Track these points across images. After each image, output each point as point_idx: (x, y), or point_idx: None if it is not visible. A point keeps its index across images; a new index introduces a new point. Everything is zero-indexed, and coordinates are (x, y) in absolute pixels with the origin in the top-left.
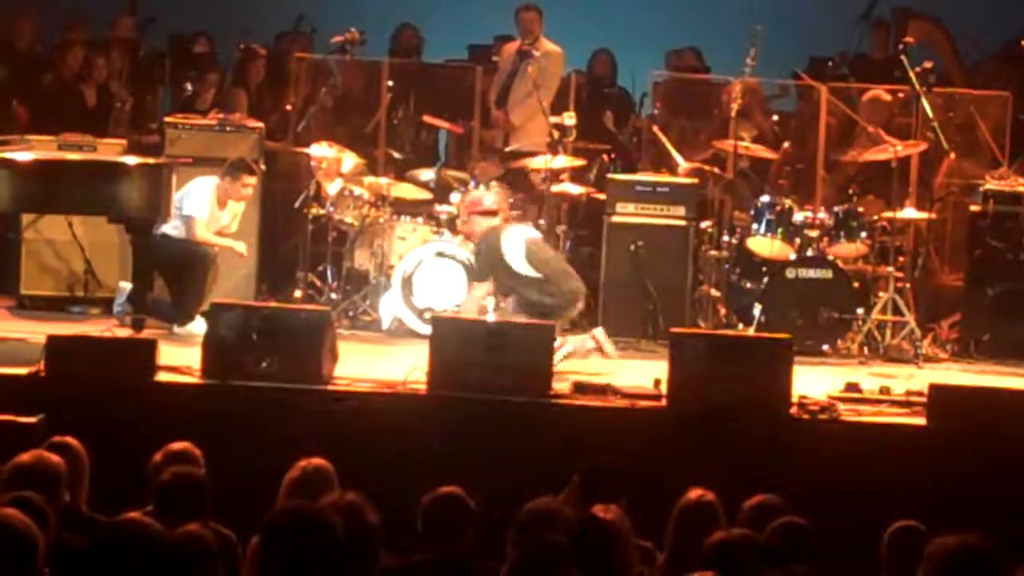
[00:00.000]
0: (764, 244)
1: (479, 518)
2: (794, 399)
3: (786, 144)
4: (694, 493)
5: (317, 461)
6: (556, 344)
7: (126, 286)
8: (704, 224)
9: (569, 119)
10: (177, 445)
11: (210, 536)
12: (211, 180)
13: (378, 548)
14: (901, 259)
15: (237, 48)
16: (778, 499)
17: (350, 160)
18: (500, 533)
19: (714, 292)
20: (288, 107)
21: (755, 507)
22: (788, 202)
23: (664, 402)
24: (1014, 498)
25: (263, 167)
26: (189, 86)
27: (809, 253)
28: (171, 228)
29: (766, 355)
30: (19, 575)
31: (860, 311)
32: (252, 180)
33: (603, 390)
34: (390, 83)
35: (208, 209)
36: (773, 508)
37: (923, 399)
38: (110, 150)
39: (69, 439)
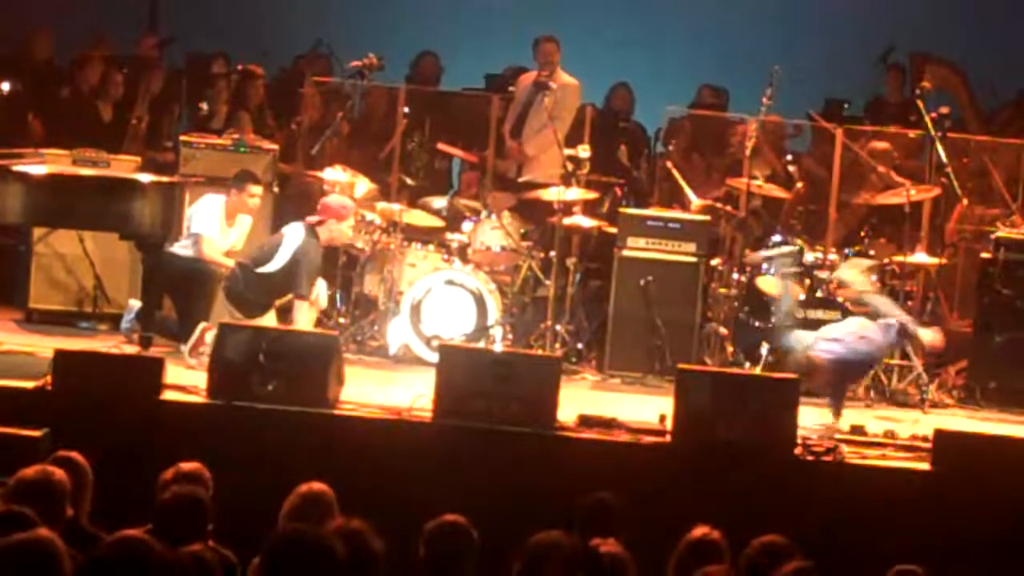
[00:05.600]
0: (774, 283)
1: (481, 548)
2: (798, 440)
3: (799, 184)
4: (699, 531)
5: (317, 486)
6: None
7: (135, 303)
8: (714, 261)
9: (583, 152)
10: (187, 465)
11: (212, 557)
12: (219, 197)
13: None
14: (910, 303)
15: (235, 70)
16: (783, 540)
17: (363, 185)
18: (502, 564)
19: (722, 330)
20: (293, 126)
21: (759, 548)
22: (799, 242)
23: (669, 438)
24: (1016, 546)
25: (276, 190)
26: (204, 106)
27: (819, 294)
28: (180, 247)
29: (772, 395)
30: None
31: None
32: (258, 190)
33: (608, 424)
34: (406, 109)
35: (216, 227)
36: (778, 549)
37: (928, 444)
38: (124, 166)
39: (73, 454)
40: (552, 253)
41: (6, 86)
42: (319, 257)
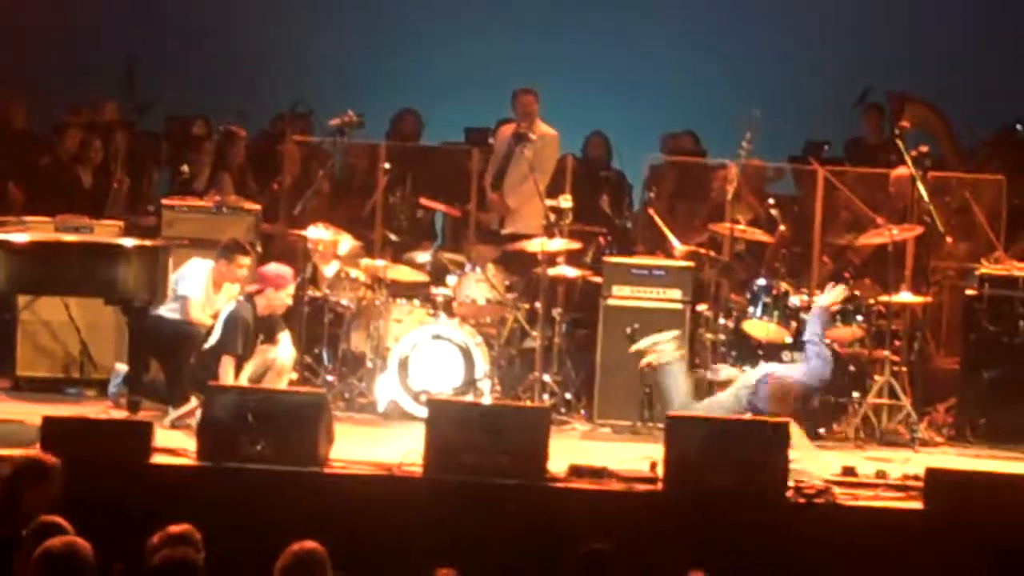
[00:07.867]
0: (760, 327)
1: None
2: (790, 483)
3: (782, 227)
4: None
5: (309, 545)
6: None
7: (122, 367)
8: (700, 307)
9: (565, 202)
10: (178, 527)
11: None
12: (206, 262)
13: None
14: (897, 343)
15: (217, 131)
16: None
17: (347, 242)
18: None
19: (710, 375)
20: (275, 186)
21: None
22: (784, 285)
23: (660, 486)
24: None
25: (259, 250)
26: (185, 168)
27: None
28: (167, 310)
29: (762, 439)
30: None
31: (856, 395)
32: (247, 261)
33: (599, 473)
34: (387, 165)
35: (203, 290)
36: None
37: (919, 483)
38: (107, 231)
39: (59, 520)
40: (538, 304)
41: None
42: (250, 317)
